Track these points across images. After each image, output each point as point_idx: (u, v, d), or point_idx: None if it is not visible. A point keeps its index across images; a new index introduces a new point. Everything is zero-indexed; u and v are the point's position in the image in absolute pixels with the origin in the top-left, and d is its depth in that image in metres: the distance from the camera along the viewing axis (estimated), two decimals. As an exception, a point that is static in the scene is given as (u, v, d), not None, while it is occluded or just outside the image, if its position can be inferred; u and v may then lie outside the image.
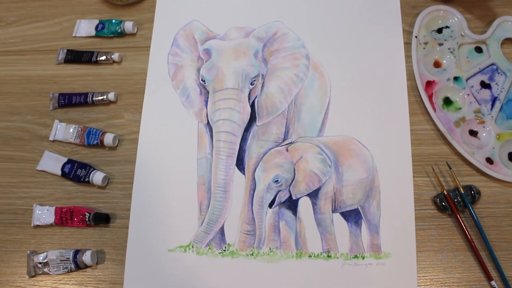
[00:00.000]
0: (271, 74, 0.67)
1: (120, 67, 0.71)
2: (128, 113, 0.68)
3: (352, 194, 0.62)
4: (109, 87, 0.70)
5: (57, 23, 0.75)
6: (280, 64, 0.67)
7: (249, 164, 0.64)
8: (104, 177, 0.64)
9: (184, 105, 0.67)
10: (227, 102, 0.64)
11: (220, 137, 0.64)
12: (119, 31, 0.71)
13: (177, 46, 0.70)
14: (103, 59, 0.70)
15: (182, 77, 0.68)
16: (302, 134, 0.65)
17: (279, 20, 0.70)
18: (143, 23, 0.73)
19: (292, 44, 0.68)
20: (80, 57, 0.71)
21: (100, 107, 0.69)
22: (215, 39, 0.69)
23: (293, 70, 0.67)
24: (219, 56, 0.66)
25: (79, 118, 0.68)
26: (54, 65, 0.72)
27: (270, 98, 0.66)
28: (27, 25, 0.76)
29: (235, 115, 0.64)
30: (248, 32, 0.69)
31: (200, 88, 0.67)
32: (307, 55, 0.68)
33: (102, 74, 0.71)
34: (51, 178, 0.66)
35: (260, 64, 0.66)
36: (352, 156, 0.64)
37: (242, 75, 0.65)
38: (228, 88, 0.65)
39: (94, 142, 0.66)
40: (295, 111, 0.66)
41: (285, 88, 0.66)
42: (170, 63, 0.69)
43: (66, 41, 0.74)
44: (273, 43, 0.68)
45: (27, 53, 0.74)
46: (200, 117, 0.66)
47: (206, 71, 0.66)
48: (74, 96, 0.69)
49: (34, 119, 0.69)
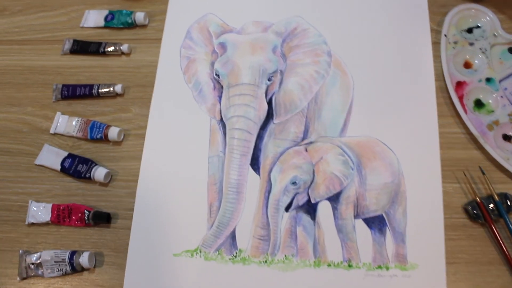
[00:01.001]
0: (290, 70, 0.64)
1: (129, 59, 0.68)
2: (136, 107, 0.65)
3: (376, 199, 0.59)
4: (117, 80, 0.67)
5: (64, 13, 0.73)
6: (300, 60, 0.65)
7: (264, 164, 0.61)
8: (106, 173, 0.60)
9: (196, 100, 0.64)
10: (243, 98, 0.62)
11: (234, 134, 0.61)
12: (130, 22, 0.69)
13: (190, 39, 0.68)
14: (111, 50, 0.68)
15: (194, 71, 0.66)
16: (323, 134, 0.62)
17: (299, 15, 0.69)
18: (155, 15, 0.71)
19: (313, 40, 0.66)
20: (87, 48, 0.68)
21: (106, 100, 0.66)
22: (231, 33, 0.67)
23: (314, 67, 0.64)
24: (235, 50, 0.64)
25: (82, 111, 0.65)
26: (59, 56, 0.70)
27: (289, 95, 0.63)
28: (33, 14, 0.74)
29: (250, 112, 0.61)
30: (266, 26, 0.67)
31: (214, 82, 0.64)
32: (329, 52, 0.65)
33: (109, 66, 0.68)
34: (50, 173, 0.63)
35: (278, 59, 0.64)
36: (376, 159, 0.60)
37: (259, 70, 0.62)
38: (244, 83, 0.62)
39: (98, 136, 0.62)
40: (315, 110, 0.63)
41: (305, 85, 0.63)
42: (183, 56, 0.67)
43: (73, 31, 0.71)
44: (292, 39, 0.66)
45: (31, 43, 0.71)
46: (213, 113, 0.63)
47: (220, 65, 0.63)
48: (78, 88, 0.66)
49: (34, 110, 0.67)
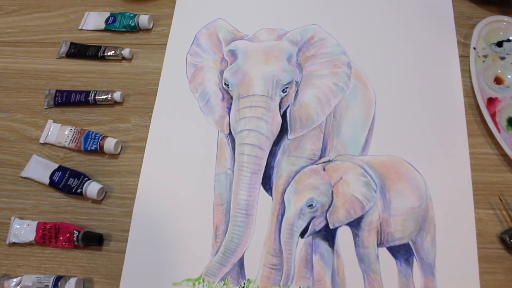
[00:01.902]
0: (306, 81, 0.59)
1: (130, 65, 0.63)
2: (136, 116, 0.59)
3: (401, 225, 0.53)
4: (116, 87, 0.62)
5: (62, 14, 0.68)
6: (317, 71, 0.60)
7: (277, 183, 0.55)
8: (100, 189, 0.54)
9: (202, 111, 0.59)
10: (254, 110, 0.57)
11: (243, 150, 0.55)
12: (133, 25, 0.64)
13: (198, 46, 0.63)
14: (111, 54, 0.63)
15: (201, 80, 0.61)
16: (342, 152, 0.56)
17: (316, 23, 0.64)
18: (160, 19, 0.66)
19: (331, 50, 0.62)
20: (85, 51, 0.64)
21: (103, 108, 0.60)
22: (242, 40, 0.62)
23: (332, 79, 0.60)
24: (246, 59, 0.59)
25: (77, 120, 0.60)
26: (54, 59, 0.65)
27: (305, 109, 0.58)
28: (28, 15, 0.69)
29: (262, 126, 0.56)
30: (281, 34, 0.62)
31: (223, 93, 0.59)
32: (349, 63, 0.61)
33: (108, 71, 0.63)
34: (37, 187, 0.57)
35: (294, 69, 0.59)
36: (402, 180, 0.55)
37: (272, 81, 0.58)
38: (255, 94, 0.57)
39: (92, 148, 0.57)
40: (334, 125, 0.58)
41: (322, 98, 0.58)
42: (189, 63, 0.62)
43: (71, 34, 0.66)
44: (309, 48, 0.61)
45: (24, 45, 0.66)
46: (221, 126, 0.58)
47: (230, 74, 0.59)
48: (73, 94, 0.61)
49: (24, 117, 0.61)
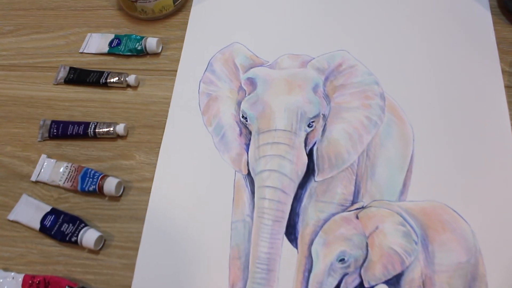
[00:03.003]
0: (335, 115, 0.53)
1: (136, 93, 0.57)
2: (141, 153, 0.53)
3: (448, 284, 0.45)
4: (119, 118, 0.55)
5: (62, 36, 0.62)
6: (347, 103, 0.53)
7: (304, 233, 0.48)
8: (98, 237, 0.47)
9: (217, 147, 0.52)
10: (276, 148, 0.50)
11: (264, 194, 0.48)
12: (139, 49, 0.58)
13: (212, 72, 0.57)
14: (114, 81, 0.56)
15: (216, 111, 0.54)
16: (378, 197, 0.49)
17: (344, 49, 0.58)
18: (170, 42, 0.60)
19: (362, 79, 0.55)
20: (85, 77, 0.57)
21: (104, 143, 0.54)
22: (261, 67, 0.56)
23: (364, 112, 0.53)
24: (266, 88, 0.53)
25: (74, 155, 0.53)
26: (51, 86, 0.58)
27: (334, 146, 0.51)
28: (25, 36, 0.63)
29: (286, 166, 0.49)
30: (305, 61, 0.56)
31: (240, 127, 0.53)
32: (382, 94, 0.54)
33: (111, 100, 0.56)
34: (26, 232, 0.50)
35: (320, 101, 0.53)
36: (446, 230, 0.48)
37: (297, 114, 0.51)
38: (277, 129, 0.51)
39: (91, 188, 0.50)
40: (367, 166, 0.51)
41: (353, 134, 0.52)
42: (202, 92, 0.56)
43: (71, 57, 0.60)
44: (337, 77, 0.55)
45: (19, 69, 0.60)
46: (238, 165, 0.51)
47: (248, 106, 0.52)
48: (71, 125, 0.54)
49: (14, 151, 0.54)
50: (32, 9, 0.66)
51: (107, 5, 0.65)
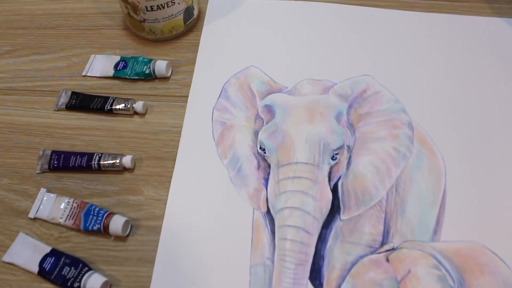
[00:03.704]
0: (361, 146, 0.49)
1: (144, 121, 0.53)
2: (150, 187, 0.49)
3: (491, 338, 0.42)
4: (125, 148, 0.51)
5: (64, 57, 0.59)
6: (373, 132, 0.50)
7: (329, 278, 0.44)
8: (104, 283, 0.43)
9: (233, 182, 0.48)
10: (298, 183, 0.46)
11: (286, 234, 0.44)
12: (147, 73, 0.54)
13: (226, 99, 0.53)
14: (120, 108, 0.52)
15: (231, 142, 0.50)
16: (409, 237, 0.45)
17: (368, 74, 0.55)
18: (181, 65, 0.56)
19: (388, 106, 0.52)
20: (88, 103, 0.53)
21: (109, 176, 0.50)
22: (280, 93, 0.52)
23: (392, 143, 0.49)
24: (286, 116, 0.49)
25: (76, 189, 0.49)
26: (51, 112, 0.54)
27: (361, 181, 0.47)
28: (24, 57, 0.59)
29: (309, 203, 0.45)
30: (327, 87, 0.53)
31: (258, 159, 0.49)
32: (410, 123, 0.51)
33: (117, 128, 0.53)
34: (23, 276, 0.45)
35: (344, 131, 0.49)
36: (484, 274, 0.44)
37: (319, 145, 0.47)
38: (299, 162, 0.47)
39: (95, 228, 0.46)
40: (397, 202, 0.47)
41: (381, 167, 0.48)
42: (216, 121, 0.52)
43: (73, 81, 0.56)
44: (362, 104, 0.51)
45: (17, 93, 0.56)
46: (256, 202, 0.47)
47: (267, 136, 0.48)
48: (73, 156, 0.50)
49: (11, 184, 0.50)
50: (31, 28, 0.62)
51: (112, 24, 0.62)
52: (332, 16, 0.60)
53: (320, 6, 0.61)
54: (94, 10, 0.64)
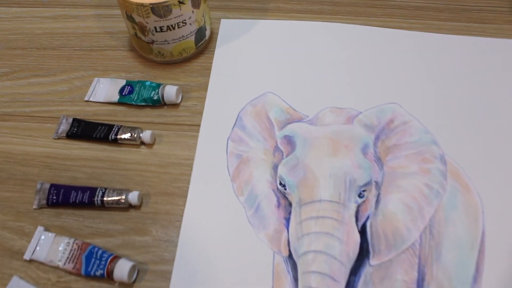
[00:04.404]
0: (390, 182, 0.45)
1: (151, 152, 0.49)
2: (158, 227, 0.44)
3: None
4: (131, 182, 0.47)
5: (65, 80, 0.55)
6: (402, 167, 0.46)
7: (360, 334, 0.40)
8: (106, 338, 0.39)
9: (251, 222, 0.44)
10: (322, 223, 0.42)
11: (310, 281, 0.40)
12: (155, 99, 0.50)
13: (242, 128, 0.49)
14: (126, 137, 0.48)
15: (248, 177, 0.46)
16: (446, 285, 0.40)
17: (395, 102, 0.51)
18: (191, 90, 0.53)
19: (418, 138, 0.48)
20: (91, 132, 0.49)
21: (114, 213, 0.45)
22: (300, 122, 0.48)
23: (423, 178, 0.45)
24: (307, 149, 0.45)
25: (77, 228, 0.45)
26: (50, 140, 0.50)
27: (391, 221, 0.43)
28: (21, 79, 0.55)
29: (334, 246, 0.41)
30: (351, 116, 0.49)
31: (278, 196, 0.45)
32: (442, 156, 0.47)
33: (122, 160, 0.48)
34: (15, 330, 0.41)
35: (372, 165, 0.45)
36: (533, 332, 0.40)
37: (345, 181, 0.43)
38: (323, 200, 0.43)
39: (98, 273, 0.41)
40: (431, 246, 0.43)
41: (413, 205, 0.44)
42: (231, 153, 0.48)
43: (75, 106, 0.53)
44: (389, 135, 0.48)
45: (14, 119, 0.52)
46: (277, 245, 0.42)
47: (287, 171, 0.44)
48: (73, 191, 0.46)
49: (5, 220, 0.45)
50: (31, 48, 0.58)
51: (117, 45, 0.58)
52: (355, 38, 0.57)
53: (342, 28, 0.58)
54: (98, 29, 0.60)
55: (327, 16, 0.58)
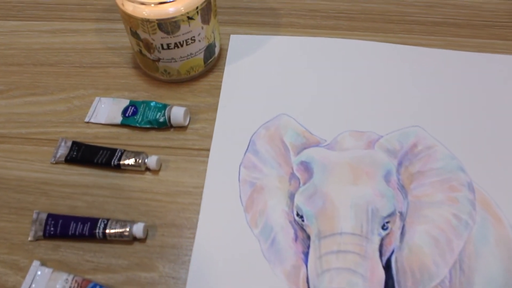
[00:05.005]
0: (415, 212, 0.42)
1: (158, 180, 0.45)
2: (166, 262, 0.41)
3: None
4: (136, 213, 0.43)
5: (64, 99, 0.52)
6: (428, 196, 0.43)
7: None
8: None
9: (266, 256, 0.40)
10: (344, 259, 0.38)
11: (332, 324, 0.37)
12: (161, 121, 0.47)
13: (255, 154, 0.46)
14: (130, 163, 0.45)
15: (263, 207, 0.43)
16: (482, 330, 0.38)
17: (418, 125, 0.48)
18: (200, 111, 0.49)
19: (444, 164, 0.45)
20: (92, 156, 0.46)
21: (117, 247, 0.42)
22: (318, 147, 0.45)
23: (451, 208, 0.42)
24: (326, 176, 0.42)
25: (76, 262, 0.41)
26: (48, 165, 0.47)
27: (418, 256, 0.40)
28: (17, 98, 0.52)
29: (357, 283, 0.37)
30: (372, 140, 0.46)
31: (295, 228, 0.41)
32: (470, 184, 0.44)
33: (126, 188, 0.45)
34: None
35: (395, 194, 0.42)
36: None
37: (367, 212, 0.40)
38: (344, 233, 0.40)
39: (99, 314, 0.39)
40: (462, 282, 0.39)
41: (440, 238, 0.41)
42: (243, 180, 0.44)
43: (74, 128, 0.49)
44: (413, 161, 0.45)
45: (9, 141, 0.49)
46: (295, 282, 0.39)
47: (304, 200, 0.41)
48: (73, 222, 0.42)
49: (-2, 255, 0.43)
50: (27, 65, 0.55)
51: (120, 62, 0.55)
52: (373, 55, 0.54)
53: (359, 45, 0.55)
54: (100, 45, 0.57)
55: (343, 32, 0.56)
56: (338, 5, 0.60)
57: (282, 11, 0.60)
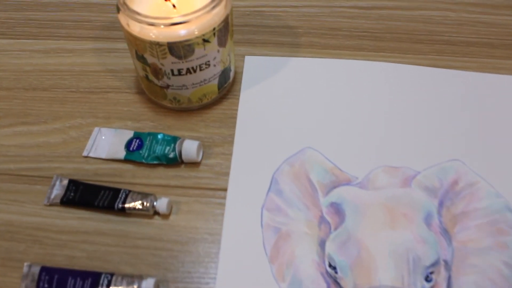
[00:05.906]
0: (461, 261, 0.37)
1: (168, 225, 0.40)
2: (179, 322, 0.36)
3: None
4: (144, 264, 0.38)
5: (59, 129, 0.46)
6: (474, 241, 0.38)
7: None
8: None
9: (296, 316, 0.36)
10: (385, 317, 0.34)
11: None
12: (171, 157, 0.42)
13: (278, 194, 0.41)
14: (136, 207, 0.40)
15: (290, 257, 0.38)
16: None
17: (458, 159, 0.44)
18: (214, 145, 0.44)
19: (489, 203, 0.40)
20: (92, 198, 0.40)
21: (123, 304, 0.37)
22: (349, 186, 0.40)
23: (501, 256, 0.38)
24: (359, 219, 0.38)
25: (76, 324, 0.37)
26: (41, 207, 0.41)
27: (470, 314, 0.36)
28: (6, 128, 0.46)
29: None
30: (408, 176, 0.41)
31: (328, 282, 0.36)
32: (519, 226, 0.40)
33: (131, 235, 0.39)
34: None
35: (438, 239, 0.37)
36: None
37: (407, 261, 0.36)
38: (383, 285, 0.35)
39: None
40: None
41: (493, 292, 0.37)
42: (267, 225, 0.39)
43: (71, 163, 0.44)
44: (455, 200, 0.40)
45: (-4, 180, 0.44)
46: None
47: (337, 249, 0.36)
48: (71, 278, 0.37)
49: (-16, 316, 0.37)
50: (18, 89, 0.50)
51: (122, 86, 0.50)
52: (404, 80, 0.49)
53: (387, 67, 0.50)
54: (99, 67, 0.52)
55: (369, 54, 0.51)
56: (361, 23, 0.55)
57: (300, 29, 0.55)
